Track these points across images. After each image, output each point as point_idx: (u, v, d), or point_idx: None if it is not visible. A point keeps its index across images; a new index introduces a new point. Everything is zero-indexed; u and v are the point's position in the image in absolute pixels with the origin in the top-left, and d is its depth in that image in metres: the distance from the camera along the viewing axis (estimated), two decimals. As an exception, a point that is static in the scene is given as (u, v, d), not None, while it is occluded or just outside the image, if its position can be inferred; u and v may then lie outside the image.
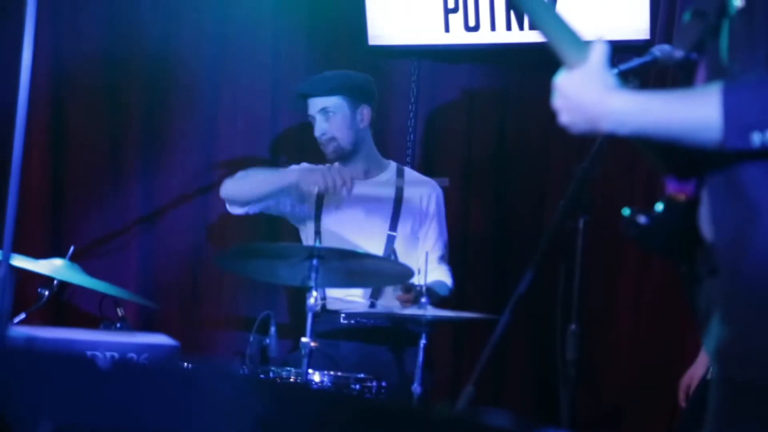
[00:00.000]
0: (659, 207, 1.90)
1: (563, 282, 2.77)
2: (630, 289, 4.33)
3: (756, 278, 1.77)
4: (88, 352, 2.56)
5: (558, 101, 1.84)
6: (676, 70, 1.97)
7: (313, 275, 3.29)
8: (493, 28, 4.57)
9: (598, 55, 1.81)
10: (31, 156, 4.45)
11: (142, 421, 1.28)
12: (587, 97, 1.80)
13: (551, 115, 1.86)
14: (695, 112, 1.74)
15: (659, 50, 2.51)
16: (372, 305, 3.95)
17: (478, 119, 4.72)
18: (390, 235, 4.00)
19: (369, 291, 3.98)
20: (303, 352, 3.31)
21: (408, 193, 4.07)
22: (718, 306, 1.84)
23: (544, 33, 1.86)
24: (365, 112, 4.05)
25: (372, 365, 3.82)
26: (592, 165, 2.80)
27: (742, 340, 1.80)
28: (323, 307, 3.98)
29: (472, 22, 4.59)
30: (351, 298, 3.98)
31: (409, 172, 4.18)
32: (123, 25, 4.55)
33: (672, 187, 1.90)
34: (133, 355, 2.61)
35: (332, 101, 4.00)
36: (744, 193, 1.77)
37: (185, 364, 3.42)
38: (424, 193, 4.09)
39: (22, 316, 3.54)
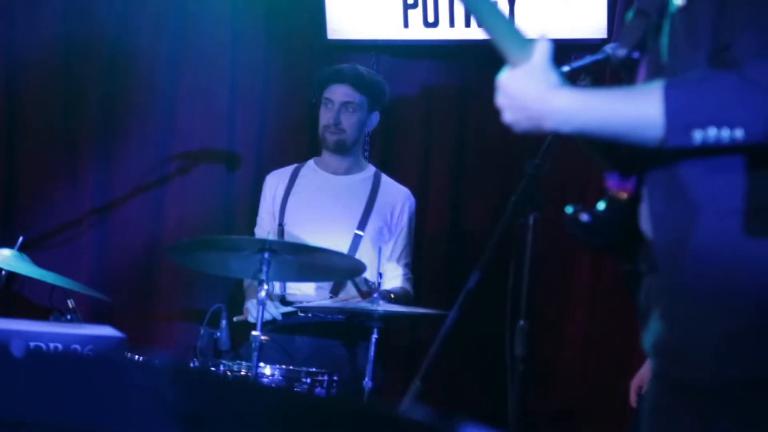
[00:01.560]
0: (601, 205, 1.90)
1: (513, 278, 2.77)
2: (583, 286, 4.35)
3: (695, 277, 1.78)
4: (31, 343, 2.51)
5: (501, 99, 1.82)
6: (620, 68, 1.97)
7: (264, 268, 3.28)
8: (452, 24, 4.56)
9: (541, 53, 1.80)
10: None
11: (57, 412, 1.25)
12: (530, 95, 1.78)
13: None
14: (637, 110, 1.73)
15: (611, 48, 2.51)
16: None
17: (437, 115, 4.72)
18: (357, 234, 4.00)
19: (329, 286, 3.98)
20: (253, 345, 3.29)
21: (382, 197, 4.09)
22: (656, 303, 1.85)
23: (487, 30, 1.85)
24: (375, 119, 4.15)
25: (325, 359, 3.82)
26: (543, 161, 2.80)
27: (678, 336, 1.81)
28: (282, 299, 3.98)
29: (431, 18, 4.59)
30: (310, 293, 3.97)
31: (386, 178, 4.20)
32: (79, 15, 4.52)
33: (613, 185, 1.90)
34: (77, 346, 2.57)
35: (358, 98, 4.05)
36: (684, 191, 1.77)
37: (130, 355, 3.42)
38: (398, 201, 4.13)
39: (-32, 306, 3.49)
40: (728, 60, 1.71)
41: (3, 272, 3.51)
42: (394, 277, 4.06)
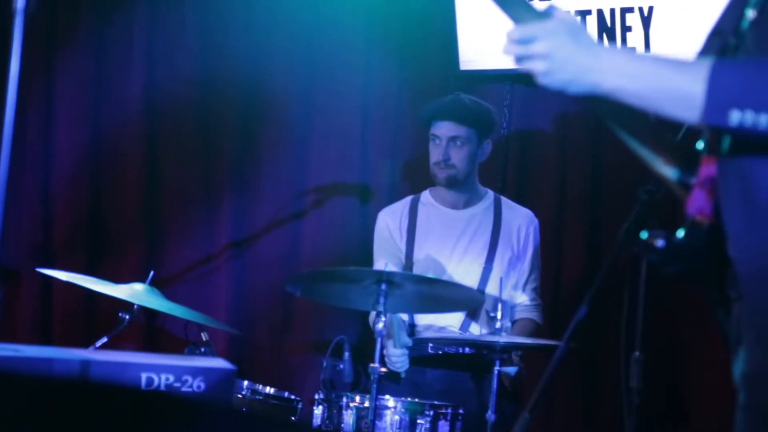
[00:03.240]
0: (680, 233, 1.82)
1: (626, 309, 2.69)
2: (696, 315, 4.17)
3: None
4: (144, 375, 2.58)
5: (540, 46, 1.77)
6: None
7: (381, 300, 3.28)
8: (584, 51, 4.49)
9: (574, 18, 1.82)
10: (126, 183, 4.59)
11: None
12: (579, 44, 1.74)
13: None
14: (682, 79, 1.69)
15: None
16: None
17: (572, 144, 4.64)
18: (486, 267, 3.96)
19: (462, 319, 3.94)
20: (372, 377, 3.29)
21: (505, 222, 4.03)
22: (745, 331, 1.76)
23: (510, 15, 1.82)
24: (488, 148, 4.05)
25: (455, 392, 3.79)
26: (657, 187, 2.71)
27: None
28: (411, 333, 3.97)
29: (564, 45, 4.52)
30: (442, 326, 3.95)
31: (507, 202, 4.13)
32: (215, 54, 4.66)
33: (694, 210, 1.82)
34: (188, 377, 2.63)
35: (465, 132, 3.97)
36: (763, 208, 1.69)
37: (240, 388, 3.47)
38: (522, 224, 4.05)
39: (104, 339, 3.61)
40: None
41: (135, 306, 3.62)
42: (520, 306, 4.00)
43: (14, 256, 4.51)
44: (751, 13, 1.76)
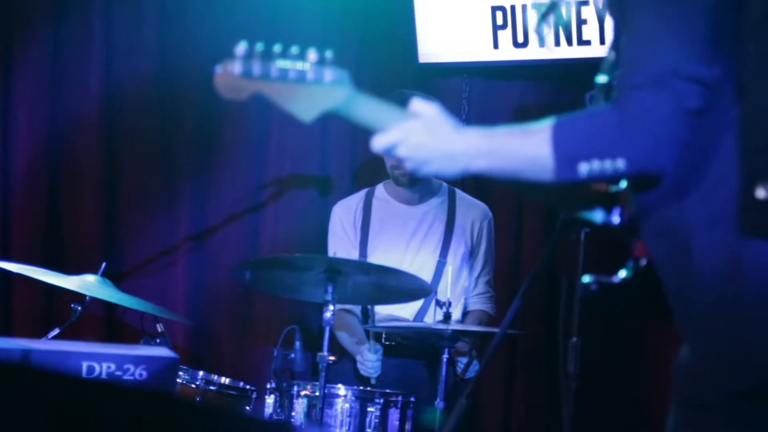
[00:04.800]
0: (621, 274, 1.94)
1: (565, 295, 2.73)
2: None
3: (698, 292, 1.76)
4: (84, 364, 2.61)
5: (402, 150, 1.84)
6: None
7: (330, 289, 3.30)
8: (541, 44, 4.52)
9: (431, 108, 1.85)
10: (83, 174, 4.60)
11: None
12: (436, 137, 1.82)
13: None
14: (530, 146, 1.78)
15: None
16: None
17: (531, 135, 4.66)
18: (440, 261, 3.99)
19: (416, 310, 3.97)
20: (320, 365, 3.32)
21: (459, 218, 4.06)
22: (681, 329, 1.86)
23: (362, 123, 1.90)
24: None
25: (409, 382, 3.83)
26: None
27: (692, 355, 1.83)
28: (366, 323, 4.00)
29: (520, 39, 4.56)
30: (397, 317, 3.98)
31: (462, 196, 4.15)
32: (173, 44, 4.67)
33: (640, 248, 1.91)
34: (130, 366, 2.65)
35: None
36: (672, 228, 1.78)
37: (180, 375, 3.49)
38: (476, 218, 4.08)
39: (56, 331, 3.62)
40: (615, 95, 1.80)
41: (88, 298, 3.63)
42: (474, 298, 4.03)
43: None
44: (611, 54, 1.87)
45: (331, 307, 3.33)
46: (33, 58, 4.62)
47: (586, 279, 1.97)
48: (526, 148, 1.78)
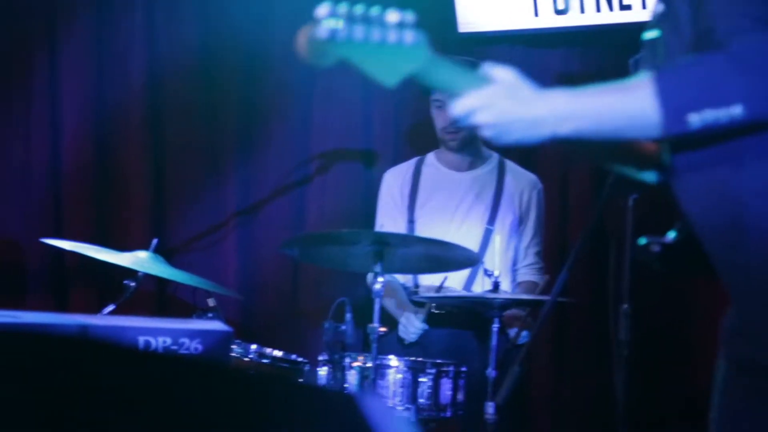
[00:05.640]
0: (671, 234, 1.89)
1: (614, 262, 2.74)
2: None
3: (751, 263, 1.76)
4: (141, 338, 2.65)
5: (482, 115, 1.76)
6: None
7: (378, 261, 3.33)
8: (582, 10, 4.50)
9: (508, 73, 1.78)
10: (131, 153, 4.66)
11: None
12: (519, 101, 1.75)
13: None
14: (631, 102, 1.70)
15: None
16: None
17: (574, 104, 4.64)
18: (488, 229, 4.00)
19: (465, 279, 3.99)
20: (371, 337, 3.35)
21: (508, 186, 4.06)
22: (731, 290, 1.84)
23: (441, 87, 1.80)
24: None
25: (459, 351, 3.84)
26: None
27: (744, 318, 1.81)
28: (415, 293, 4.03)
29: (561, 5, 4.54)
30: (445, 286, 4.00)
31: (511, 165, 4.16)
32: (216, 21, 4.70)
33: None
34: (185, 340, 2.69)
35: None
36: (723, 189, 1.74)
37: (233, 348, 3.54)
38: (526, 188, 4.09)
39: (112, 307, 3.68)
40: (713, 43, 1.69)
41: (140, 274, 3.68)
42: (523, 269, 4.04)
43: (25, 227, 4.59)
44: (660, 7, 1.81)
45: (380, 279, 3.35)
46: (78, 42, 4.66)
47: (644, 240, 1.92)
48: (627, 104, 1.70)
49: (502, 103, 1.74)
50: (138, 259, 3.62)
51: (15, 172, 4.61)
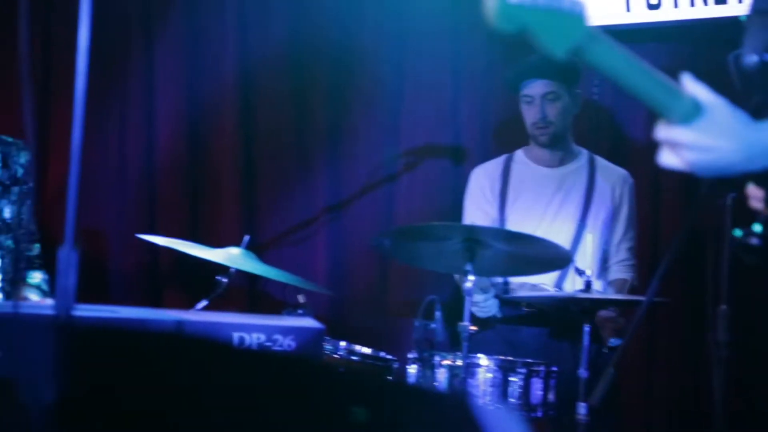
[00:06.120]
0: (757, 227, 1.80)
1: (712, 262, 2.69)
2: None
3: None
4: (235, 334, 2.67)
5: (692, 155, 1.63)
6: (752, 75, 1.84)
7: (469, 258, 3.31)
8: (675, 4, 4.43)
9: (716, 99, 1.64)
10: (223, 150, 4.70)
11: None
12: (746, 160, 1.63)
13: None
14: None
15: (735, 56, 2.30)
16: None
17: (667, 100, 4.56)
18: (579, 226, 3.96)
19: (556, 277, 3.95)
20: (462, 335, 3.34)
21: (599, 182, 4.02)
22: None
23: (632, 89, 1.70)
24: (579, 100, 4.06)
25: (550, 351, 3.81)
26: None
27: None
28: (505, 292, 4.01)
29: (654, 0, 4.47)
30: (537, 284, 3.97)
31: (601, 162, 4.12)
32: (306, 19, 4.72)
33: None
34: (278, 336, 2.71)
35: (556, 86, 3.99)
36: None
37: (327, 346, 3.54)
38: (617, 183, 4.04)
39: (205, 302, 3.72)
40: None
41: (232, 270, 3.72)
42: (615, 266, 3.99)
43: (119, 223, 4.67)
44: None
45: (471, 277, 3.34)
46: (172, 42, 4.72)
47: (739, 233, 1.83)
48: None
49: (728, 156, 1.63)
50: (230, 256, 3.65)
51: (111, 170, 4.69)
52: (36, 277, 3.21)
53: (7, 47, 4.75)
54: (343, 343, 3.68)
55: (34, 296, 3.05)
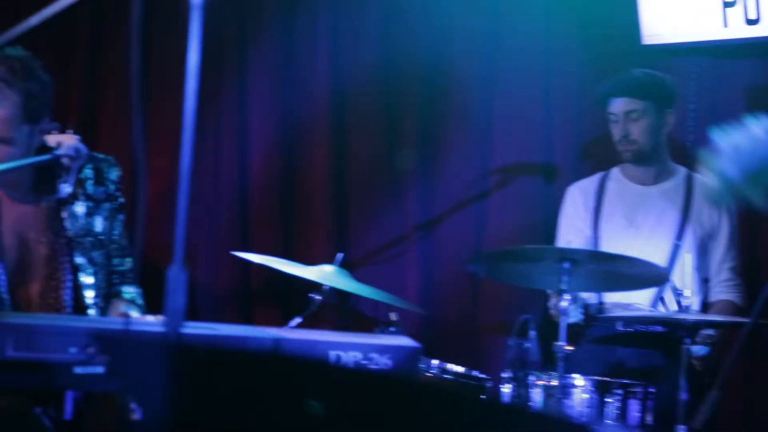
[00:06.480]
0: None
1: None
2: None
3: None
4: (332, 352, 2.67)
5: None
6: None
7: (564, 278, 3.28)
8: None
9: None
10: (315, 168, 4.73)
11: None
12: None
13: None
14: None
15: None
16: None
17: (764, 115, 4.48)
18: (676, 245, 3.90)
19: (652, 296, 3.90)
20: (558, 355, 3.30)
21: (697, 200, 3.96)
22: None
23: None
24: (670, 118, 4.03)
25: (647, 371, 3.75)
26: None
27: None
28: (600, 311, 3.96)
29: (752, 15, 4.39)
30: (632, 304, 3.91)
31: (700, 179, 4.05)
32: (398, 39, 4.73)
33: None
34: (374, 355, 2.70)
35: (640, 105, 3.99)
36: None
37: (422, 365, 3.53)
38: None
39: (298, 319, 3.74)
40: None
41: (326, 287, 3.73)
42: (717, 286, 3.91)
43: (213, 240, 4.72)
44: None
45: (567, 296, 3.30)
46: (266, 54, 4.77)
47: None
48: None
49: None
50: (324, 273, 3.67)
51: (204, 188, 4.74)
52: (130, 291, 3.24)
53: (106, 68, 4.87)
54: (435, 362, 3.67)
55: (133, 312, 3.09)
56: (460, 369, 3.70)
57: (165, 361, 1.46)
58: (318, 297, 3.75)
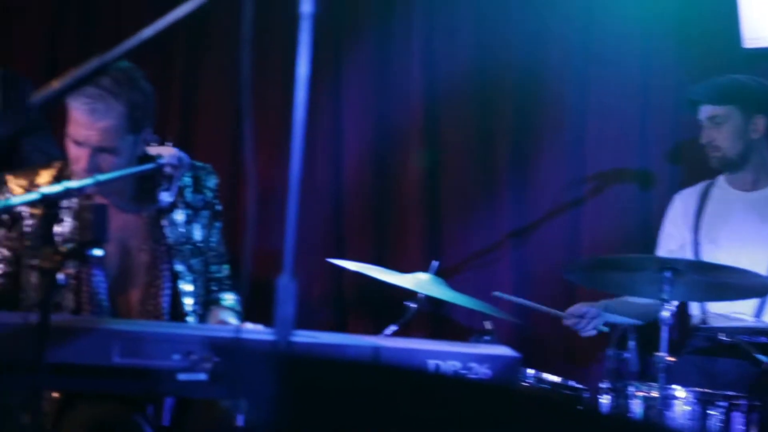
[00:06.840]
0: None
1: None
2: None
3: None
4: (431, 361, 2.66)
5: None
6: None
7: (666, 288, 3.22)
8: None
9: None
10: (409, 175, 4.72)
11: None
12: None
13: None
14: None
15: None
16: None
17: None
18: None
19: (755, 306, 3.81)
20: (659, 366, 3.24)
21: None
22: None
23: None
24: (759, 123, 3.95)
25: (750, 384, 3.66)
26: None
27: None
28: (702, 322, 3.90)
29: None
30: (735, 314, 3.83)
31: None
32: (492, 45, 4.70)
33: None
34: (473, 364, 2.68)
35: (722, 110, 3.95)
36: None
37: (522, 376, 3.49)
38: None
39: (394, 327, 3.73)
40: None
41: (421, 295, 3.72)
42: None
43: (308, 246, 4.73)
44: None
45: (668, 306, 3.24)
46: (360, 63, 4.78)
47: None
48: None
49: None
50: (420, 281, 3.66)
51: (302, 192, 4.75)
52: (228, 298, 3.27)
53: (202, 77, 4.92)
54: (531, 371, 3.63)
55: (231, 319, 3.11)
56: (556, 379, 3.66)
57: (275, 369, 1.46)
58: (413, 305, 3.74)
